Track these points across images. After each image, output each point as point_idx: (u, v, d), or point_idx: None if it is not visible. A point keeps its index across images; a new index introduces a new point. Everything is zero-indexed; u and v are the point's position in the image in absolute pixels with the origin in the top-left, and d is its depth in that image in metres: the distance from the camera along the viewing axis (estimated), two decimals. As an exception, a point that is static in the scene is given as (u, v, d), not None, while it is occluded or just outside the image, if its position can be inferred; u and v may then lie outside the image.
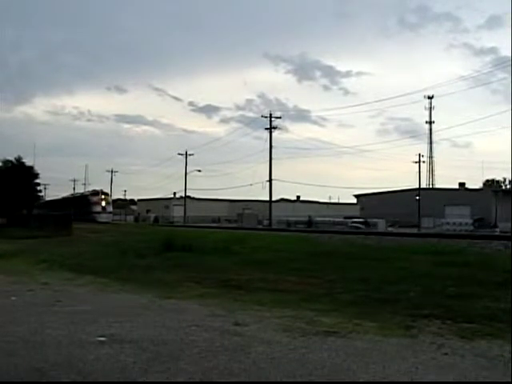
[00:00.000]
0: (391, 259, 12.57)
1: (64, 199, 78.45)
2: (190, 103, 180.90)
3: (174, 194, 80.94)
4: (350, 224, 51.20)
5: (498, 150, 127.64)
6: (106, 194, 69.28)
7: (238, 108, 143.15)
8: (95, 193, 68.54)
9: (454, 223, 53.81)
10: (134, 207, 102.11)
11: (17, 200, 38.16)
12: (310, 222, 54.38)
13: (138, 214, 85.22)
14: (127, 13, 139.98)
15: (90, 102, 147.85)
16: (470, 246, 16.75)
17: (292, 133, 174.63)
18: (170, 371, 4.25)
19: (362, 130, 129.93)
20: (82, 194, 76.22)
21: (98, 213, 63.29)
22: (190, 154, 71.92)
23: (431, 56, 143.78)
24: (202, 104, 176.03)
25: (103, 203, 65.56)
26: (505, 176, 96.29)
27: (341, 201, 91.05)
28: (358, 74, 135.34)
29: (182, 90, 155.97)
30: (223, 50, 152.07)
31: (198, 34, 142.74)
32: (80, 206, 64.47)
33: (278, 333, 5.61)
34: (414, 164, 67.70)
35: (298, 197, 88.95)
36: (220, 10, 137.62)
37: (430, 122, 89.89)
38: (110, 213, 66.94)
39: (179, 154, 72.38)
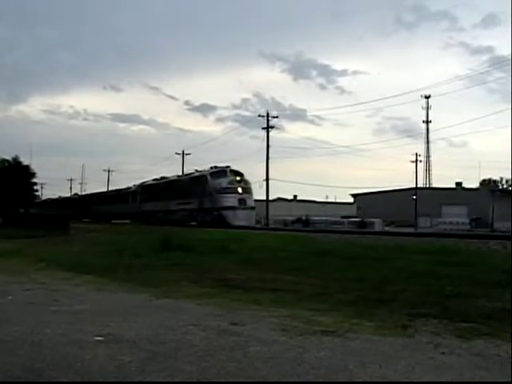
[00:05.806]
0: (388, 259, 12.58)
1: (147, 186, 49.30)
2: (186, 102, 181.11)
3: (173, 193, 79.63)
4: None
5: (495, 149, 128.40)
6: (239, 174, 38.49)
7: (234, 107, 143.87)
8: (221, 172, 38.05)
9: (451, 222, 54.04)
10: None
11: (13, 199, 38.14)
12: (307, 222, 54.47)
13: None
14: (123, 12, 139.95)
15: (86, 101, 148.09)
16: (467, 245, 16.77)
17: (288, 132, 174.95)
18: (167, 370, 4.24)
19: (358, 129, 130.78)
20: (191, 175, 42.76)
21: (232, 208, 35.42)
22: (186, 154, 71.49)
23: (428, 55, 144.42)
24: (197, 103, 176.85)
25: (239, 190, 36.57)
26: (502, 175, 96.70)
27: (338, 200, 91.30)
28: (355, 72, 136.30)
29: (178, 89, 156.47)
30: (219, 49, 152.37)
31: (193, 33, 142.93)
32: (186, 196, 39.54)
33: (275, 332, 5.61)
34: (411, 163, 68.19)
35: (295, 196, 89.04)
36: (215, 8, 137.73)
37: (427, 122, 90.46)
38: (253, 208, 37.42)
39: (176, 153, 71.75)
